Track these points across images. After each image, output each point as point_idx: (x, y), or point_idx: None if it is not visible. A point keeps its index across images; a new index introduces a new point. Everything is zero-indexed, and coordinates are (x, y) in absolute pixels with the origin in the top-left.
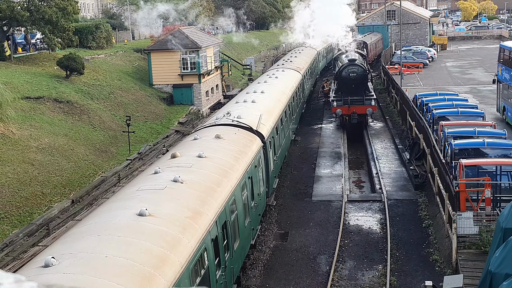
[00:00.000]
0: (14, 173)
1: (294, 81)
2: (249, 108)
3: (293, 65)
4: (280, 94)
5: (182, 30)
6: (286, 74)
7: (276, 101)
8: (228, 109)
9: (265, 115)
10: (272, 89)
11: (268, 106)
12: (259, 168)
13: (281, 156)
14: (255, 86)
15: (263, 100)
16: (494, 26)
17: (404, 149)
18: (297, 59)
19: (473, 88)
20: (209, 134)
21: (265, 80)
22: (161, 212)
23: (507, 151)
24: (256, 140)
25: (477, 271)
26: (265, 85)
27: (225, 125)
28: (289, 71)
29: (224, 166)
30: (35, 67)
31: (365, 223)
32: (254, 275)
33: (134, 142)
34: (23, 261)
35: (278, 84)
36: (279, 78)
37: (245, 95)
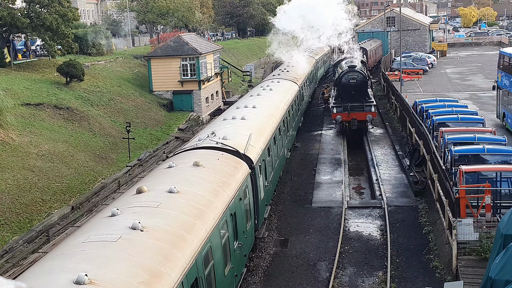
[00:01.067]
0: (14, 179)
1: (291, 93)
2: (238, 127)
3: (290, 75)
4: (274, 108)
5: (181, 36)
6: (282, 86)
7: (269, 117)
8: (214, 127)
9: (256, 134)
10: (266, 103)
11: (260, 124)
12: (245, 200)
13: (273, 180)
14: (247, 99)
15: (255, 117)
16: (494, 33)
17: (404, 155)
18: (294, 69)
19: (473, 94)
20: (187, 161)
21: (258, 92)
22: (106, 278)
23: (507, 157)
24: (243, 167)
25: (477, 278)
26: (258, 99)
27: (207, 148)
28: (285, 82)
29: (200, 204)
30: (35, 73)
31: (365, 230)
32: (254, 282)
33: (134, 148)
34: (22, 268)
35: (273, 97)
36: (274, 90)
37: (234, 111)
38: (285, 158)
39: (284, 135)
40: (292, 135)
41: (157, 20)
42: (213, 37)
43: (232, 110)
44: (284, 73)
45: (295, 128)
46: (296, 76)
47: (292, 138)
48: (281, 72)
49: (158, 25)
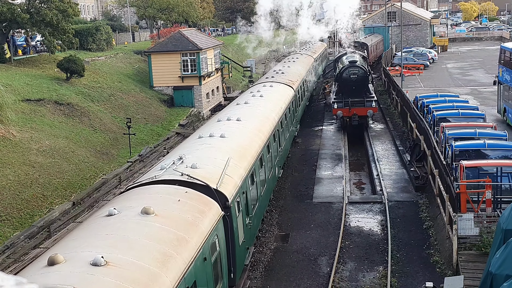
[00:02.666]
0: (14, 175)
1: (284, 99)
2: (214, 148)
3: (285, 77)
4: (263, 121)
5: (182, 32)
6: (275, 91)
7: (256, 132)
8: (184, 149)
9: (236, 158)
10: (253, 114)
11: (243, 143)
12: (213, 256)
13: (259, 213)
14: (231, 109)
15: (237, 134)
16: (495, 28)
17: (404, 150)
18: (290, 70)
19: (473, 89)
20: (135, 205)
21: (246, 100)
22: None
23: (507, 152)
24: (213, 209)
25: (477, 272)
26: (244, 109)
27: (168, 183)
28: (279, 86)
29: (137, 283)
30: (35, 69)
31: (365, 225)
32: (255, 277)
33: (134, 144)
34: (24, 263)
35: (263, 106)
36: (265, 96)
37: (214, 125)
38: (276, 178)
39: (274, 152)
40: (286, 149)
41: (157, 15)
42: (214, 32)
43: (211, 124)
44: (278, 75)
45: (290, 140)
46: (292, 78)
47: (285, 153)
48: (275, 74)
49: (159, 20)
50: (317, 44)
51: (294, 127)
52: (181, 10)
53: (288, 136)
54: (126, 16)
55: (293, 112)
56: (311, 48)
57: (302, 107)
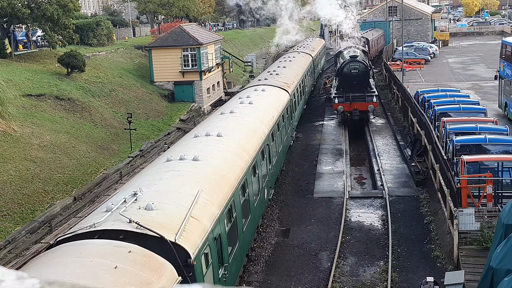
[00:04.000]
0: (16, 170)
1: (278, 106)
2: (181, 177)
3: (280, 79)
4: (249, 135)
5: (182, 27)
6: (267, 96)
7: (240, 151)
8: (145, 178)
9: (210, 189)
10: (238, 126)
11: (221, 167)
12: None
13: (238, 258)
14: (212, 120)
15: (215, 154)
16: (496, 22)
17: (405, 145)
18: (285, 71)
19: (475, 84)
20: (48, 277)
21: (231, 108)
22: None
23: (509, 147)
24: (164, 276)
25: (478, 267)
26: (228, 119)
27: (112, 234)
28: (272, 90)
29: None
30: (36, 64)
31: (366, 220)
32: (255, 271)
33: (135, 139)
34: (25, 258)
35: (251, 115)
36: (255, 103)
37: (189, 142)
38: (265, 202)
39: (263, 172)
40: (278, 164)
41: (158, 10)
42: (214, 27)
43: (186, 141)
44: (272, 77)
45: (283, 152)
46: (287, 81)
47: (278, 168)
48: (268, 76)
49: (159, 15)
50: (315, 41)
51: (289, 135)
52: (182, 5)
53: (281, 149)
54: (127, 11)
55: (288, 118)
56: (309, 46)
57: (299, 112)
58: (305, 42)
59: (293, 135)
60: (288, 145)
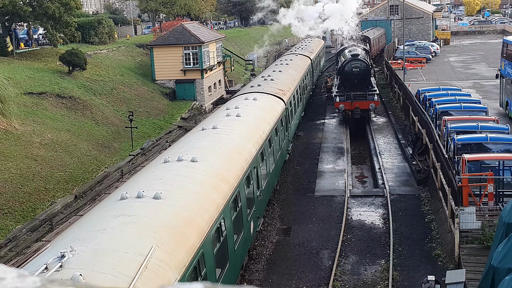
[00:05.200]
0: (17, 168)
1: (270, 118)
2: (132, 225)
3: (274, 86)
4: (232, 158)
5: (184, 25)
6: (259, 106)
7: (218, 181)
8: (84, 228)
9: (170, 243)
10: (220, 146)
11: (188, 208)
12: None
13: None
14: (190, 139)
15: (184, 188)
16: (497, 21)
17: (406, 144)
18: (281, 76)
19: (476, 83)
20: None
21: (215, 123)
22: None
23: (510, 146)
24: None
25: (479, 266)
26: (210, 137)
27: None
28: (265, 98)
29: None
30: (37, 62)
31: (367, 218)
32: (257, 270)
33: (136, 137)
34: (26, 256)
35: (237, 132)
36: (244, 116)
37: (155, 170)
38: (252, 237)
39: (248, 202)
40: (269, 186)
41: (159, 8)
42: (216, 25)
43: (151, 168)
44: (266, 83)
45: (276, 171)
46: (283, 87)
47: (268, 193)
48: (262, 82)
49: (161, 14)
50: (314, 41)
51: (284, 149)
52: (183, 4)
53: (274, 168)
54: (128, 10)
55: (284, 130)
56: (307, 47)
57: (296, 122)
58: (303, 43)
59: (289, 148)
60: (283, 162)
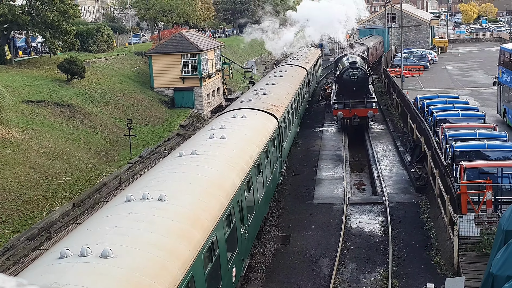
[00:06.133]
0: (15, 176)
1: (260, 139)
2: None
3: (266, 101)
4: (211, 191)
5: (183, 33)
6: (248, 126)
7: (190, 227)
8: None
9: None
10: (196, 178)
11: (145, 268)
12: None
13: None
14: (165, 168)
15: (141, 243)
16: (495, 29)
17: (405, 151)
18: (275, 89)
19: (473, 90)
20: None
21: (194, 149)
22: None
23: (508, 153)
24: None
25: (478, 273)
26: (186, 166)
27: None
28: (256, 115)
29: None
30: (36, 70)
31: (366, 226)
32: (255, 278)
33: (135, 145)
34: (24, 265)
35: (218, 159)
36: (229, 138)
37: (113, 212)
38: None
39: (230, 245)
40: (258, 219)
41: (158, 16)
42: (214, 33)
43: (107, 211)
44: (257, 98)
45: (267, 200)
46: (276, 102)
47: (257, 226)
48: (253, 97)
49: (159, 22)
50: (310, 51)
51: (276, 172)
52: (182, 12)
53: (264, 196)
54: (127, 18)
55: (276, 150)
56: (303, 57)
57: (291, 139)
58: (299, 53)
59: (282, 169)
60: (275, 186)
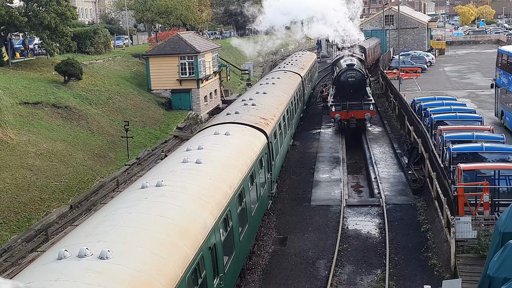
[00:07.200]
0: (12, 178)
1: (244, 162)
2: None
3: (255, 113)
4: (174, 240)
5: (180, 35)
6: (231, 145)
7: None
8: None
9: None
10: (155, 222)
11: None
12: None
13: None
14: (117, 207)
15: None
16: (492, 31)
17: (402, 153)
18: (265, 99)
19: (471, 92)
20: None
21: (160, 179)
22: None
23: (505, 155)
24: None
25: (475, 275)
26: (148, 201)
27: None
28: (242, 131)
29: None
30: (33, 72)
31: (363, 228)
32: (253, 280)
33: (132, 147)
34: (21, 266)
35: (189, 192)
36: (206, 162)
37: (37, 271)
38: None
39: None
40: (238, 262)
41: (155, 18)
42: (212, 35)
43: (32, 271)
44: (246, 109)
45: (250, 237)
46: (266, 114)
47: (235, 273)
48: (241, 108)
49: (157, 24)
50: (305, 56)
51: (264, 196)
52: (179, 14)
53: (247, 230)
54: (124, 20)
55: (264, 172)
56: (298, 63)
57: (282, 155)
58: (293, 58)
59: (272, 191)
60: (262, 214)
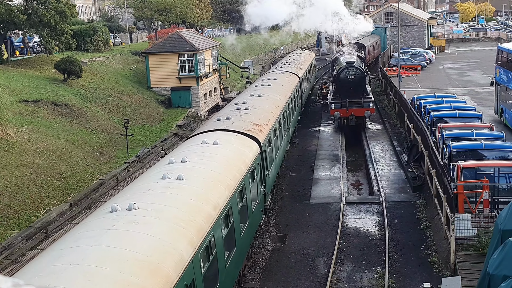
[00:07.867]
0: (12, 176)
1: (234, 175)
2: None
3: (248, 119)
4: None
5: (179, 32)
6: (219, 157)
7: None
8: None
9: None
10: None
11: None
12: None
13: None
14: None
15: None
16: (492, 28)
17: (402, 151)
18: (260, 103)
19: (471, 90)
20: None
21: (132, 202)
22: None
23: (505, 153)
24: None
25: (475, 273)
26: (115, 229)
27: None
28: (233, 140)
29: None
30: (32, 70)
31: (363, 225)
32: (252, 278)
33: (132, 145)
34: (21, 264)
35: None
36: (188, 178)
37: None
38: None
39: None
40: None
41: (155, 16)
42: (211, 32)
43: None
44: (238, 114)
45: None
46: (260, 120)
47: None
48: (233, 113)
49: (156, 21)
50: (303, 55)
51: (257, 212)
52: (179, 11)
53: (234, 255)
54: (124, 17)
55: (256, 185)
56: (296, 62)
57: (278, 163)
58: (291, 57)
59: (266, 204)
60: (254, 233)
